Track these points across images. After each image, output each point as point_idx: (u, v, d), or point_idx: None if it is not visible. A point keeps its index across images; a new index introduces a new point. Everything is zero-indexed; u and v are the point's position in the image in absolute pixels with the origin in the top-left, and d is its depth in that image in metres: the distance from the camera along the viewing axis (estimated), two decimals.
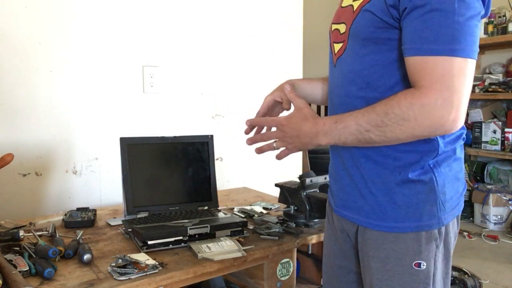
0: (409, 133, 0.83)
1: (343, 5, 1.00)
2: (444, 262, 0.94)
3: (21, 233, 1.29)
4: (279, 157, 1.02)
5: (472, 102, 3.86)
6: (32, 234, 1.33)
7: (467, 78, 0.80)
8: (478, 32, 0.83)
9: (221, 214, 1.51)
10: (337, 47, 1.00)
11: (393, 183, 0.92)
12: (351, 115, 0.88)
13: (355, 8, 0.93)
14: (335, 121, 0.89)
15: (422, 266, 0.90)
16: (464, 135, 0.97)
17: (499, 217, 3.36)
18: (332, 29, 1.03)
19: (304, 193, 1.49)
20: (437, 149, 0.90)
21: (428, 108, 0.79)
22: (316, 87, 1.17)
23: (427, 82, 0.80)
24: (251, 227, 1.44)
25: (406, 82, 0.89)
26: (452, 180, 0.93)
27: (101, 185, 1.89)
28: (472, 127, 3.76)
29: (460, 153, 0.97)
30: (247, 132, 1.14)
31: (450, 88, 0.79)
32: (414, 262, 0.90)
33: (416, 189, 0.90)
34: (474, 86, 3.73)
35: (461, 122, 0.82)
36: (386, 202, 0.92)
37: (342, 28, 0.97)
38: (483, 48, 3.78)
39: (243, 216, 1.59)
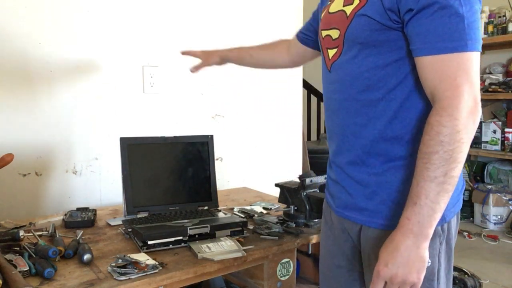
0: (469, 139, 0.81)
1: (331, 11, 1.00)
2: (446, 258, 0.95)
3: (21, 233, 1.30)
4: None
5: None
6: (32, 234, 1.33)
7: (477, 69, 0.84)
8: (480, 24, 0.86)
9: (221, 214, 1.50)
10: (331, 52, 1.00)
11: (398, 181, 0.92)
12: (417, 191, 0.82)
13: (348, 13, 0.93)
14: (413, 213, 0.82)
15: (427, 263, 0.90)
16: None
17: (499, 217, 3.36)
18: (323, 35, 1.02)
19: (304, 193, 1.49)
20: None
21: (463, 105, 0.80)
22: (244, 57, 1.53)
23: (447, 81, 0.81)
24: (251, 227, 1.44)
25: (407, 82, 0.89)
26: None
27: (101, 185, 1.89)
28: None
29: None
30: None
31: (468, 81, 0.81)
32: None
33: None
34: None
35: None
36: (391, 200, 0.93)
37: (335, 33, 0.97)
38: (483, 48, 3.76)
39: (243, 216, 1.59)
